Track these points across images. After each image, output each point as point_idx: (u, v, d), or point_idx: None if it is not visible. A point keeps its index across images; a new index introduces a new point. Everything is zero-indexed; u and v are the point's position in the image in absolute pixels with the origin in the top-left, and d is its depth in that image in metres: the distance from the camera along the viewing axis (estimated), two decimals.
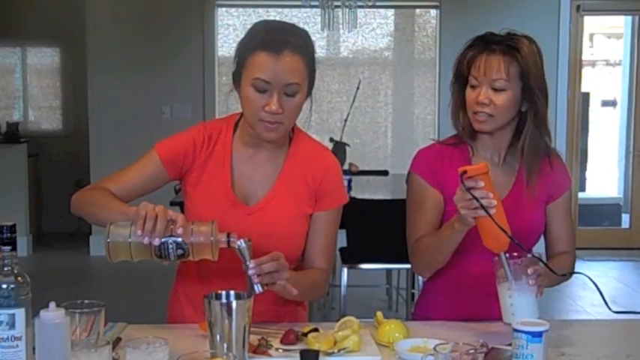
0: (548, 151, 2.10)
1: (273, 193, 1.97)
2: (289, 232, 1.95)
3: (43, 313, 1.43)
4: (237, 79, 1.90)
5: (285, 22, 1.98)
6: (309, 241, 2.00)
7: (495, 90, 1.98)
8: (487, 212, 1.75)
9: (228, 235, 1.70)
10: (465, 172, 1.77)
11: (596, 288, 1.89)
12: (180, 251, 1.68)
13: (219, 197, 1.94)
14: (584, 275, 1.92)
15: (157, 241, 1.66)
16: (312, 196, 1.99)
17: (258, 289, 1.69)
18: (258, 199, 1.97)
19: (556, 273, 1.90)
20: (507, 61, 1.96)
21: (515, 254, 1.82)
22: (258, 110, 1.84)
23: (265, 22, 1.97)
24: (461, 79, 2.06)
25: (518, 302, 1.79)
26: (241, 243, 1.69)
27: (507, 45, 1.97)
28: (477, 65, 1.98)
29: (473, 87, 2.01)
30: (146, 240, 1.65)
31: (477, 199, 1.75)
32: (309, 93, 1.92)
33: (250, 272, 1.68)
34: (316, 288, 2.02)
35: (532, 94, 2.00)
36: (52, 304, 1.44)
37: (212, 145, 1.97)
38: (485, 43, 2.00)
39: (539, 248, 2.03)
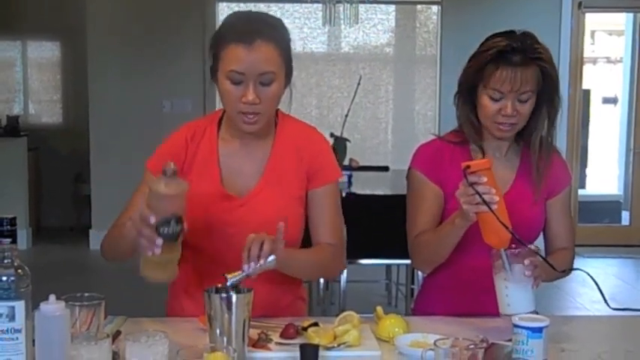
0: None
1: (263, 181, 1.97)
2: (284, 218, 1.94)
3: (43, 305, 1.43)
4: (214, 73, 1.91)
5: (257, 12, 1.98)
6: (312, 220, 2.00)
7: (520, 101, 1.98)
8: (489, 207, 1.75)
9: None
10: (468, 166, 1.77)
11: (595, 284, 1.89)
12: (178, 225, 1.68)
13: (210, 193, 1.94)
14: (583, 271, 1.92)
15: (159, 242, 1.64)
16: (304, 177, 1.99)
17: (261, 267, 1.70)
18: (248, 189, 1.97)
19: (555, 268, 1.90)
20: (531, 73, 1.96)
21: (512, 245, 1.82)
22: (236, 102, 1.84)
23: (237, 13, 1.99)
24: (473, 87, 2.04)
25: (513, 293, 1.78)
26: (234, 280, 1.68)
27: (529, 57, 1.96)
28: (502, 80, 1.95)
29: (493, 99, 1.99)
30: (155, 251, 1.65)
31: (480, 195, 1.75)
32: (287, 82, 1.91)
33: (251, 270, 1.68)
34: (325, 263, 2.00)
35: (552, 95, 2.03)
36: (52, 297, 1.44)
37: (196, 144, 1.98)
38: (505, 55, 1.96)
39: (538, 244, 2.03)
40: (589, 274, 1.91)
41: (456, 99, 2.10)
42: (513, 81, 1.95)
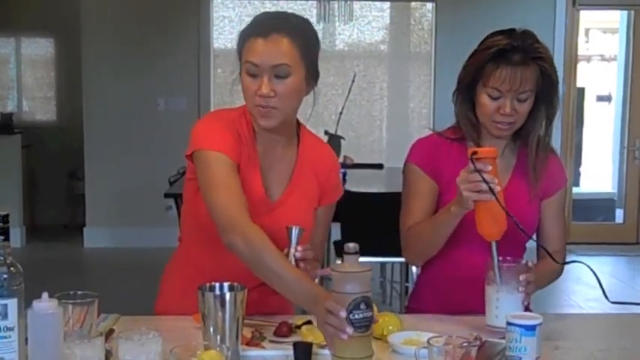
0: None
1: (290, 189, 1.98)
2: (305, 227, 1.95)
3: (35, 303, 1.42)
4: (240, 71, 1.90)
5: (285, 12, 1.98)
6: (311, 234, 2.00)
7: (519, 100, 1.98)
8: (493, 194, 1.74)
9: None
10: (475, 152, 1.77)
11: (595, 277, 1.88)
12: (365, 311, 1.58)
13: (252, 193, 1.91)
14: (585, 264, 1.91)
15: (350, 330, 1.54)
16: (319, 192, 2.02)
17: None
18: (277, 195, 1.97)
19: (556, 261, 1.93)
20: (531, 73, 1.95)
21: (508, 258, 1.83)
22: (253, 96, 1.83)
23: (263, 12, 1.99)
24: (472, 84, 2.03)
25: (503, 306, 1.78)
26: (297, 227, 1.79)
27: (531, 57, 1.95)
28: (502, 79, 1.94)
29: (492, 97, 1.98)
30: (345, 336, 1.55)
31: (486, 181, 1.74)
32: (309, 81, 1.90)
33: (298, 255, 1.76)
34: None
35: (551, 96, 2.02)
36: (45, 295, 1.44)
37: (244, 140, 1.93)
38: (505, 54, 1.95)
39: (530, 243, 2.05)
40: (590, 267, 1.90)
41: (454, 96, 2.09)
42: (513, 80, 1.94)
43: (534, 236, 2.07)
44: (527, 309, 1.86)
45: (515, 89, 1.95)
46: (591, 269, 1.91)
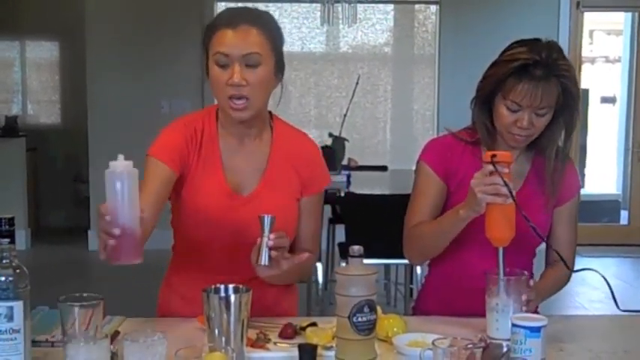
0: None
1: (264, 181, 1.98)
2: (284, 219, 1.93)
3: (112, 163, 1.49)
4: (206, 65, 1.91)
5: (248, 6, 2.03)
6: (300, 226, 2.01)
7: (537, 115, 1.97)
8: (512, 197, 1.74)
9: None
10: (494, 155, 1.77)
11: (607, 285, 1.87)
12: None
13: (216, 191, 1.94)
14: (597, 272, 1.89)
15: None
16: (300, 183, 2.01)
17: (266, 260, 1.71)
18: (251, 189, 1.97)
19: (568, 267, 1.95)
20: (552, 89, 1.94)
21: (509, 270, 1.82)
22: (223, 87, 1.84)
23: (228, 7, 2.04)
24: (491, 95, 2.01)
25: (504, 319, 1.77)
26: (269, 216, 1.72)
27: (554, 74, 1.93)
28: (523, 94, 1.93)
29: (511, 110, 1.97)
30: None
31: (506, 183, 1.73)
32: (277, 73, 1.91)
33: (270, 244, 1.71)
34: (304, 272, 2.07)
35: (572, 111, 2.01)
36: (121, 156, 1.50)
37: (199, 140, 1.96)
38: (527, 69, 1.93)
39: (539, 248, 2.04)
40: (602, 275, 1.88)
41: (472, 103, 2.09)
42: (533, 96, 1.92)
43: (537, 246, 2.07)
44: (534, 311, 1.86)
45: (535, 105, 1.94)
46: (604, 277, 1.88)
